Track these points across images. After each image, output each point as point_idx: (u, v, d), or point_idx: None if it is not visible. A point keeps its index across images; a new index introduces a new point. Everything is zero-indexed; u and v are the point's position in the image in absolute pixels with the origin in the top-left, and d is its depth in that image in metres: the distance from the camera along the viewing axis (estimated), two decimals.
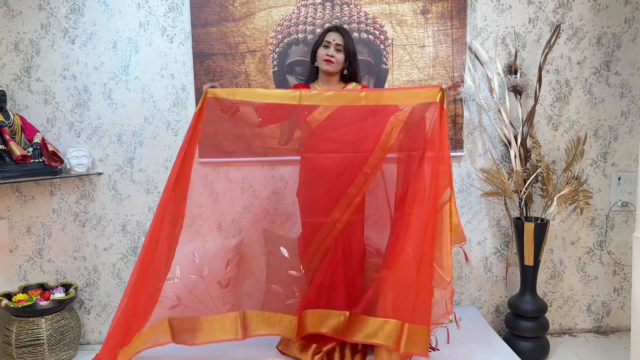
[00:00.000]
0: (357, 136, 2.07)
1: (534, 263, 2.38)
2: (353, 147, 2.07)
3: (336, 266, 2.11)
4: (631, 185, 2.62)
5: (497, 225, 2.66)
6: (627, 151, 2.64)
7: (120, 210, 2.58)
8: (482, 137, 2.61)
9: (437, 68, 2.54)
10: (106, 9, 2.48)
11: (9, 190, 2.54)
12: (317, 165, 2.13)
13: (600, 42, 2.56)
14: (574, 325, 2.74)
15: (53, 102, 2.52)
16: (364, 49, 2.50)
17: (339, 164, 2.08)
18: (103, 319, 2.64)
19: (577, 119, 2.61)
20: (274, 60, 2.51)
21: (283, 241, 2.23)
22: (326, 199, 2.09)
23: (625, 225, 2.68)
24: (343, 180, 2.07)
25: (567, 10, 2.54)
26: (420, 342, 1.89)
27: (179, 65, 2.52)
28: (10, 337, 2.29)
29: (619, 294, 2.72)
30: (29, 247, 2.58)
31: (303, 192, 2.21)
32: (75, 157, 2.45)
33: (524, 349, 2.37)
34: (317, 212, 2.12)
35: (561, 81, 2.58)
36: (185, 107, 2.54)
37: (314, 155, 2.14)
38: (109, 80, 2.52)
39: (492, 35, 2.54)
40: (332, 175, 2.09)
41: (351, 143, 2.08)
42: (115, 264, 2.61)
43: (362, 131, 2.07)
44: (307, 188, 2.18)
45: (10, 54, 2.48)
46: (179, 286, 2.35)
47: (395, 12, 2.51)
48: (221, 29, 2.49)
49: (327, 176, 2.09)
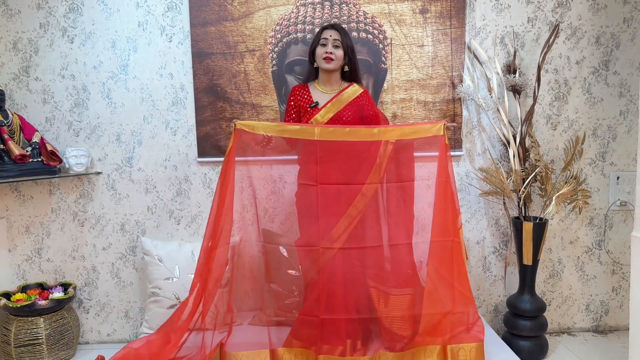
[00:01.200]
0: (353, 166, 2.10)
1: (533, 262, 2.38)
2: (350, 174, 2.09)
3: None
4: (630, 185, 2.62)
5: (496, 224, 2.66)
6: (625, 151, 2.64)
7: (119, 209, 2.58)
8: (481, 136, 2.61)
9: (436, 67, 2.54)
10: (105, 8, 2.47)
11: (8, 189, 2.54)
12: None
13: (599, 42, 2.56)
14: (573, 325, 2.74)
15: (52, 101, 2.51)
16: (363, 48, 2.50)
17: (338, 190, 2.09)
18: (102, 318, 2.64)
19: (575, 118, 2.61)
20: (273, 60, 2.51)
21: (282, 240, 2.23)
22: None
23: (623, 224, 2.68)
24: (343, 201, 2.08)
25: (566, 9, 2.54)
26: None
27: (178, 64, 2.52)
28: (9, 337, 2.29)
29: (618, 293, 2.72)
30: (28, 247, 2.58)
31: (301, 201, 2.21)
32: (74, 156, 2.44)
33: (523, 348, 2.37)
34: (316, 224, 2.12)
35: (560, 81, 2.58)
36: (184, 106, 2.54)
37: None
38: (108, 79, 2.51)
39: (491, 34, 2.55)
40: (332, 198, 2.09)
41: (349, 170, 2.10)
42: (114, 263, 2.61)
43: (358, 160, 2.10)
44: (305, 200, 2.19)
45: (8, 53, 2.48)
46: (177, 286, 2.36)
47: (394, 12, 2.51)
48: (220, 29, 2.49)
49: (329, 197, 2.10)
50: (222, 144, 2.54)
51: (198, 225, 2.61)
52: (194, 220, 2.61)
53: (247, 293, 2.33)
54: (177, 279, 2.37)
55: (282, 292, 2.22)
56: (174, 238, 2.60)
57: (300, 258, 2.15)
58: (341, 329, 1.94)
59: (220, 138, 2.54)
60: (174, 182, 2.58)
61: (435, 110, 2.55)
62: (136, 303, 2.63)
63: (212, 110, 2.53)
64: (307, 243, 2.12)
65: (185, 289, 2.31)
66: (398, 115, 2.55)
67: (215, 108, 2.53)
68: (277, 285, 2.23)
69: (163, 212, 2.59)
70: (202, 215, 2.61)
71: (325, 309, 2.02)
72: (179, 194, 2.59)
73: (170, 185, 2.58)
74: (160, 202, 2.58)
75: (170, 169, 2.57)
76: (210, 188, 2.59)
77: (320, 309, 2.03)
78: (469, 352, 1.95)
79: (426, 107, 2.55)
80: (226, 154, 2.10)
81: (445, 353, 1.95)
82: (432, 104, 2.55)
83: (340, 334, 1.94)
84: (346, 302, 2.03)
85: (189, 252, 2.42)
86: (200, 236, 2.61)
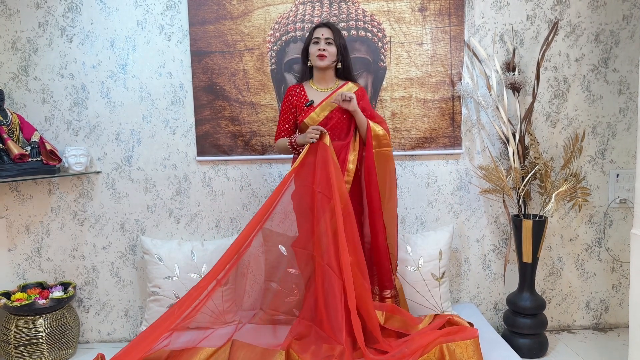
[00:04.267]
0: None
1: (533, 260, 2.38)
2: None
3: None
4: (629, 182, 2.62)
5: (496, 222, 2.66)
6: (625, 148, 2.64)
7: (118, 208, 2.58)
8: (481, 134, 2.61)
9: (435, 65, 2.53)
10: (104, 7, 2.47)
11: (7, 189, 2.54)
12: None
13: (598, 39, 2.56)
14: (573, 322, 2.74)
15: (51, 100, 2.51)
16: (362, 46, 2.50)
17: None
18: (102, 317, 2.64)
19: (575, 116, 2.61)
20: (272, 58, 2.51)
21: (282, 239, 2.23)
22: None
23: (623, 222, 2.68)
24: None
25: (565, 7, 2.54)
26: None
27: (177, 63, 2.52)
28: (9, 336, 2.29)
29: (618, 291, 2.72)
30: (28, 246, 2.58)
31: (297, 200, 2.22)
32: (74, 155, 2.44)
33: (523, 345, 2.37)
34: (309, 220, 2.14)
35: (559, 78, 2.58)
36: (183, 105, 2.54)
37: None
38: (107, 78, 2.51)
39: (490, 32, 2.54)
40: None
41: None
42: (114, 262, 2.61)
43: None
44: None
45: (7, 53, 2.48)
46: (177, 284, 2.36)
47: (393, 10, 2.50)
48: (219, 27, 2.49)
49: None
50: (221, 142, 2.54)
51: (197, 224, 2.62)
52: (194, 219, 2.61)
53: (246, 292, 2.32)
54: (177, 278, 2.37)
55: (282, 291, 2.22)
56: (174, 237, 2.60)
57: (297, 258, 2.16)
58: (341, 329, 1.94)
59: (220, 137, 2.54)
60: (174, 181, 2.58)
61: (435, 109, 2.55)
62: (136, 302, 2.63)
63: (211, 109, 2.53)
64: (303, 245, 2.14)
65: (185, 287, 2.31)
66: (397, 114, 2.55)
67: (214, 107, 2.52)
68: (277, 284, 2.23)
69: (162, 211, 2.59)
70: (202, 214, 2.61)
71: (324, 308, 2.02)
72: (178, 193, 2.59)
73: (169, 184, 2.58)
74: (160, 201, 2.58)
75: (170, 168, 2.57)
76: (210, 187, 2.59)
77: (319, 308, 2.04)
78: (466, 348, 1.95)
79: (425, 105, 2.55)
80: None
81: (442, 352, 1.94)
82: (431, 102, 2.55)
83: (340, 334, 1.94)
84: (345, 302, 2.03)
85: (189, 250, 2.43)
86: (199, 235, 2.62)
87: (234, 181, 2.59)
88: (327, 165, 2.03)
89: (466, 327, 2.07)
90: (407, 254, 2.42)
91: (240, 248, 2.07)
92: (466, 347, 1.95)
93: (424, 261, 2.42)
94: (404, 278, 2.39)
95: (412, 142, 2.57)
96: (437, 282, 2.42)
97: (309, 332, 2.06)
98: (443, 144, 2.58)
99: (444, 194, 2.63)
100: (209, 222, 2.62)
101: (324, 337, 1.98)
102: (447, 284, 2.47)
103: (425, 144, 2.58)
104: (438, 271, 2.43)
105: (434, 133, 2.57)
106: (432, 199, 2.64)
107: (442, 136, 2.57)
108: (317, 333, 2.03)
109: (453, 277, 2.67)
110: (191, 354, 1.97)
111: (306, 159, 2.11)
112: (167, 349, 1.96)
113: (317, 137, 2.06)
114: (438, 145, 2.58)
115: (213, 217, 2.61)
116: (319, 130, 2.07)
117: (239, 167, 2.59)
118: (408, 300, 2.38)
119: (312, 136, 2.06)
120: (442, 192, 2.63)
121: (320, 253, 2.03)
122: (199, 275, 2.35)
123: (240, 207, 2.61)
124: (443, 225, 2.62)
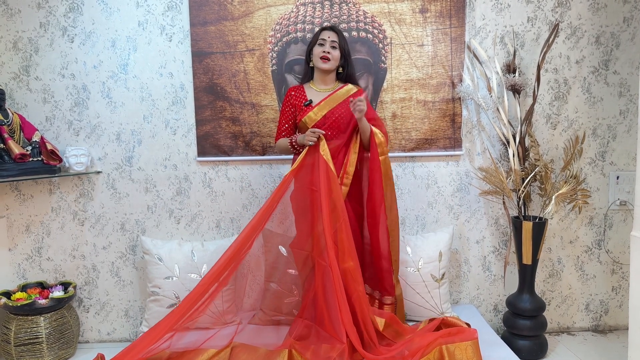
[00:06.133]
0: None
1: (532, 262, 2.38)
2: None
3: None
4: (629, 184, 2.62)
5: (496, 224, 2.66)
6: (625, 150, 2.64)
7: (119, 209, 2.58)
8: (481, 136, 2.61)
9: (435, 67, 2.54)
10: (105, 7, 2.48)
11: (8, 188, 2.55)
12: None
13: (598, 41, 2.56)
14: (572, 324, 2.74)
15: (52, 100, 2.52)
16: (363, 47, 2.51)
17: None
18: (102, 317, 2.64)
19: (575, 117, 2.61)
20: (272, 59, 2.51)
21: (281, 240, 2.23)
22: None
23: (623, 224, 2.68)
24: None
25: (565, 9, 2.54)
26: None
27: (178, 63, 2.52)
28: (9, 336, 2.30)
29: (617, 293, 2.72)
30: (28, 246, 2.58)
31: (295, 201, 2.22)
32: (74, 155, 2.45)
33: (522, 347, 2.37)
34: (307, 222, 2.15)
35: (560, 80, 2.58)
36: (184, 105, 2.54)
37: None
38: (108, 79, 2.52)
39: (491, 34, 2.55)
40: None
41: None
42: (114, 262, 2.61)
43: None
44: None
45: (9, 53, 2.48)
46: (177, 285, 2.36)
47: (394, 11, 2.51)
48: (220, 28, 2.49)
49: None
50: (222, 143, 2.54)
51: (198, 224, 2.62)
52: (194, 219, 2.62)
53: (246, 293, 2.33)
54: (177, 278, 2.37)
55: (282, 291, 2.23)
56: (174, 237, 2.60)
57: (295, 259, 2.17)
58: (340, 329, 1.94)
59: (220, 137, 2.54)
60: (174, 181, 2.58)
61: (435, 110, 2.55)
62: (136, 302, 2.63)
63: (211, 109, 2.53)
64: (301, 246, 2.15)
65: (185, 288, 2.31)
66: (398, 115, 2.55)
67: (215, 107, 2.53)
68: (277, 285, 2.23)
69: (163, 211, 2.59)
70: (202, 215, 2.61)
71: (325, 307, 2.02)
72: (178, 193, 2.59)
73: (170, 185, 2.58)
74: (160, 202, 2.59)
75: (170, 168, 2.57)
76: (210, 187, 2.59)
77: (320, 307, 2.04)
78: (465, 350, 1.95)
79: (426, 106, 2.55)
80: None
81: (441, 354, 1.95)
82: (431, 104, 2.55)
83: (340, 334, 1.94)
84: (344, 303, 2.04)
85: (189, 251, 2.43)
86: (200, 235, 2.62)
87: (235, 182, 2.59)
88: (323, 174, 2.09)
89: (466, 329, 2.07)
90: (407, 255, 2.42)
91: (241, 249, 2.07)
92: (465, 348, 1.95)
93: (424, 262, 2.42)
94: (404, 279, 2.39)
95: (412, 144, 2.57)
96: (436, 284, 2.42)
97: (309, 332, 2.06)
98: (443, 146, 2.58)
99: (444, 196, 2.64)
100: (209, 223, 2.62)
101: (324, 337, 1.98)
102: (447, 285, 2.47)
103: (426, 146, 2.58)
104: (438, 272, 2.43)
105: (435, 134, 2.57)
106: (432, 200, 2.64)
107: (443, 137, 2.57)
108: (317, 333, 2.03)
109: (453, 279, 2.67)
110: (191, 356, 1.97)
111: (305, 160, 2.13)
112: (167, 350, 1.96)
113: (314, 140, 2.09)
114: (438, 146, 2.58)
115: (213, 217, 2.61)
116: (317, 134, 2.09)
117: (240, 168, 2.59)
118: (408, 302, 2.38)
119: (310, 139, 2.09)
120: (442, 193, 2.63)
121: (319, 253, 2.04)
122: (199, 276, 2.35)
123: (241, 207, 2.61)
124: (443, 226, 2.62)
